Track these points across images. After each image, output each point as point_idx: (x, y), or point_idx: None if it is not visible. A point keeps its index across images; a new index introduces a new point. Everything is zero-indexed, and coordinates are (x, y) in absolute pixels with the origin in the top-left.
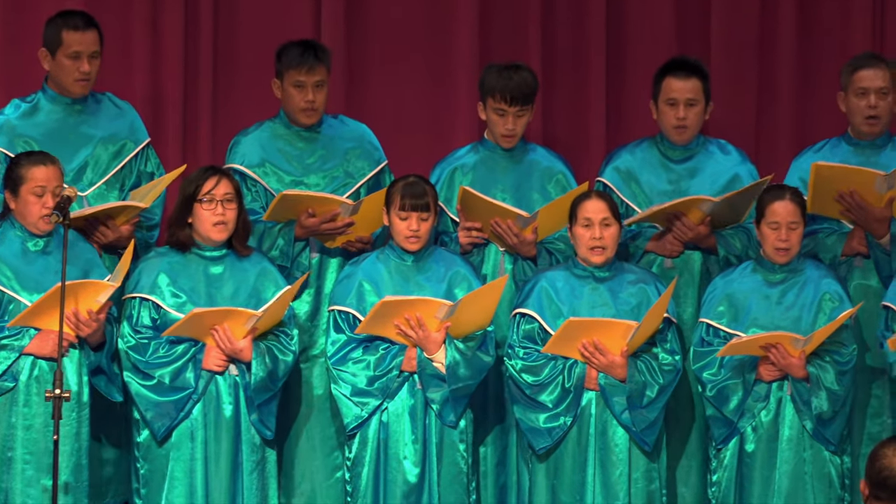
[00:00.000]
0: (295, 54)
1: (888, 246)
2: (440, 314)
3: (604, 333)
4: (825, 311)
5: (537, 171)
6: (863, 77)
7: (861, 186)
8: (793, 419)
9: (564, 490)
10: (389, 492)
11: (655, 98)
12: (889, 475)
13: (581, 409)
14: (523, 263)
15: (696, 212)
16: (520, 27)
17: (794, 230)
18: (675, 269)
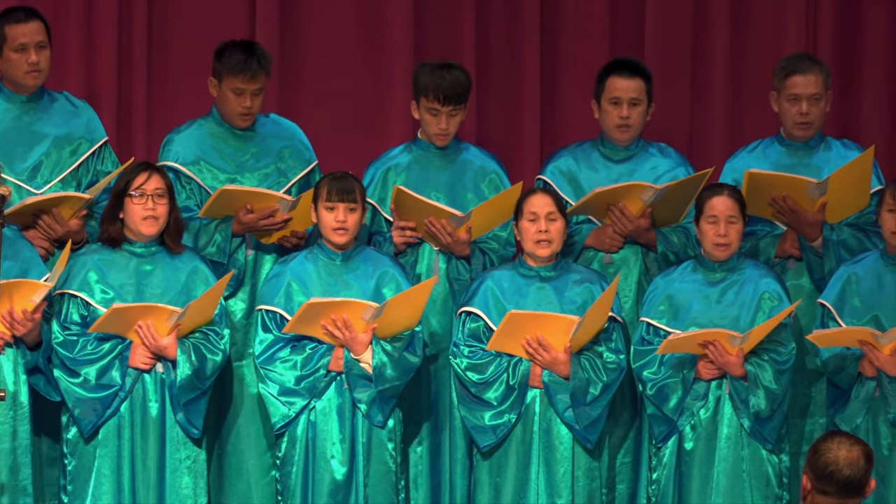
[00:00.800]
0: (237, 60)
1: (821, 249)
2: (366, 315)
3: (546, 328)
4: (764, 309)
5: (471, 171)
6: (796, 83)
7: (793, 192)
8: (731, 417)
9: (507, 488)
10: (317, 490)
11: (598, 97)
12: (835, 469)
13: (525, 407)
14: (457, 263)
15: (636, 202)
16: (454, 26)
17: (733, 224)
18: (613, 264)
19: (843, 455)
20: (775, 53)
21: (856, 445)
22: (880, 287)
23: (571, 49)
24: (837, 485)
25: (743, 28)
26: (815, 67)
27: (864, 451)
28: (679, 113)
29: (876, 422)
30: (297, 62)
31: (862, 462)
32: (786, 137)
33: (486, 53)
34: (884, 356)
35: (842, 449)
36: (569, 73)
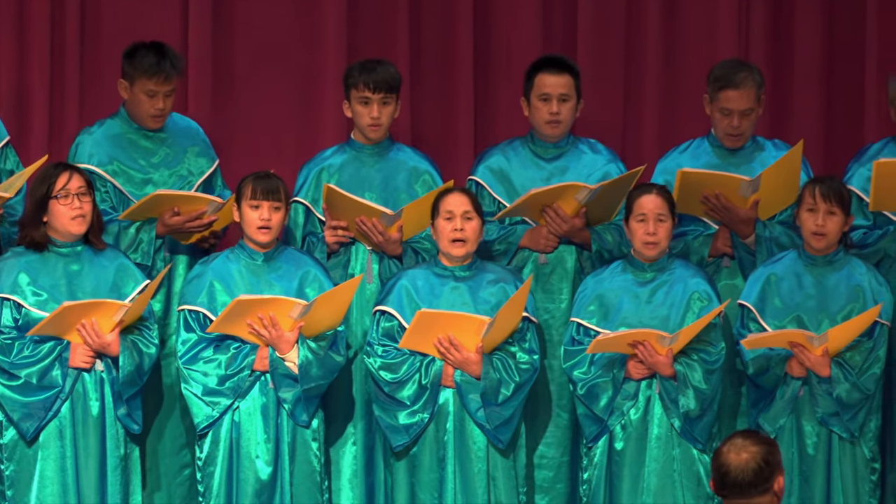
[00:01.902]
0: (149, 63)
1: (753, 246)
2: (294, 313)
3: (458, 327)
4: (694, 309)
5: (404, 171)
6: (728, 98)
7: (726, 190)
8: (661, 417)
9: (423, 488)
10: (242, 491)
11: (527, 94)
12: (727, 471)
13: (439, 407)
14: (389, 262)
15: (571, 202)
16: (387, 27)
17: (662, 223)
18: (548, 264)
19: (732, 458)
20: (708, 52)
21: (749, 448)
22: (801, 287)
23: (504, 47)
24: (731, 487)
25: (676, 26)
26: (749, 80)
27: (759, 451)
28: (612, 110)
29: (800, 422)
30: (231, 63)
31: (752, 465)
32: (717, 138)
33: (419, 53)
34: (815, 357)
35: (731, 452)
36: (502, 71)
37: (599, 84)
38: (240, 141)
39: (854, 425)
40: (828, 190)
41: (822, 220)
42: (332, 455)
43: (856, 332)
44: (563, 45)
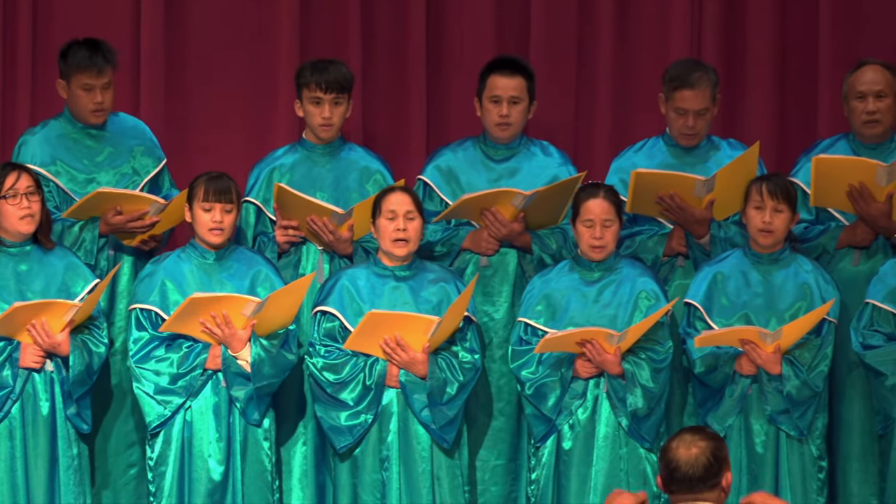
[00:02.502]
0: (82, 57)
1: (708, 246)
2: (247, 311)
3: (404, 328)
4: (641, 308)
5: (356, 171)
6: (683, 97)
7: (681, 190)
8: (609, 416)
9: (366, 489)
10: (194, 490)
11: (480, 95)
12: (674, 467)
13: (382, 408)
14: (340, 261)
15: (508, 207)
16: (339, 26)
17: (608, 227)
18: (490, 267)
19: (681, 453)
20: (661, 52)
21: (698, 443)
22: (748, 285)
23: (457, 46)
24: (680, 483)
25: (628, 25)
26: (704, 80)
27: (709, 447)
28: (564, 110)
29: (748, 421)
30: (183, 63)
31: (702, 459)
32: (672, 137)
33: (371, 52)
34: (766, 354)
35: (681, 447)
36: (454, 71)
37: (552, 84)
38: (192, 140)
39: (803, 423)
40: (774, 187)
41: (768, 217)
42: (283, 454)
43: (806, 329)
44: (516, 44)
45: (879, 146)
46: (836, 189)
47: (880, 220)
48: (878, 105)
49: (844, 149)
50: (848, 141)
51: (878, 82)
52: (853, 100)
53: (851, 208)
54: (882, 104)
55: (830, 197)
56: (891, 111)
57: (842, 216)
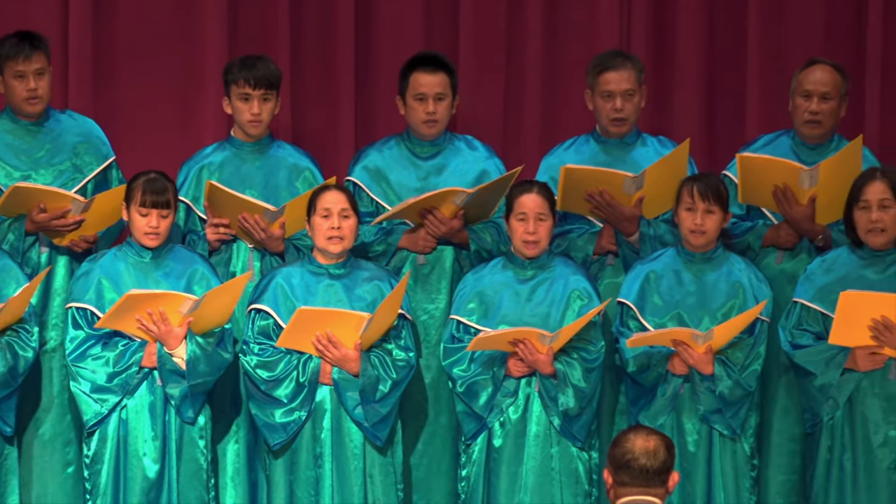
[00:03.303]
0: (10, 45)
1: (637, 244)
2: (183, 309)
3: (336, 325)
4: (574, 308)
5: (285, 168)
6: (609, 80)
7: (610, 187)
8: (540, 415)
9: (300, 486)
10: (129, 489)
11: (402, 93)
12: (631, 457)
13: (316, 405)
14: (271, 259)
15: (449, 205)
16: (268, 24)
17: (542, 222)
18: (427, 264)
19: (639, 444)
20: (591, 49)
21: (653, 435)
22: (680, 284)
23: (386, 44)
24: (635, 474)
25: (557, 23)
26: (628, 63)
27: (663, 442)
28: (494, 108)
29: (680, 420)
30: (111, 61)
31: (661, 452)
32: (601, 134)
33: (300, 49)
34: (698, 355)
35: (639, 438)
36: (383, 68)
37: (481, 81)
38: (120, 139)
39: (736, 422)
40: (705, 188)
41: (700, 218)
42: (217, 452)
43: (738, 329)
44: (445, 42)
45: (819, 146)
46: (762, 188)
47: (803, 222)
48: (822, 107)
49: (785, 146)
50: (789, 138)
51: (825, 83)
52: (799, 97)
53: (776, 207)
54: (826, 106)
55: (757, 195)
56: (833, 114)
57: (771, 214)
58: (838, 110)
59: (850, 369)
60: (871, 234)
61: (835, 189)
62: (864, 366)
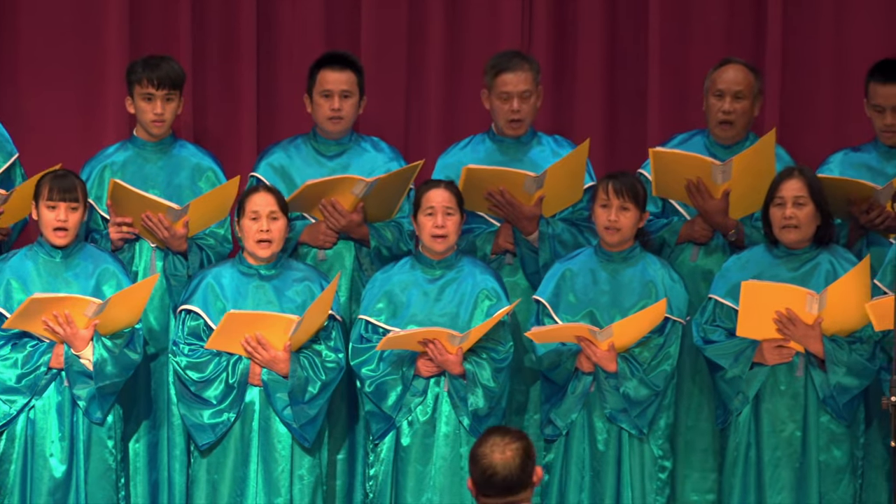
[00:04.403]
0: None
1: (536, 243)
2: (88, 311)
3: (265, 327)
4: (482, 307)
5: (187, 168)
6: (505, 81)
7: (510, 186)
8: (449, 415)
9: (225, 486)
10: (36, 489)
11: (310, 91)
12: (493, 472)
13: (245, 406)
14: (174, 258)
15: (349, 197)
16: (170, 23)
17: (450, 217)
18: (327, 260)
19: (497, 458)
20: (492, 50)
21: (510, 445)
22: (595, 283)
23: (287, 43)
24: (497, 488)
25: (459, 24)
26: (525, 64)
27: (521, 448)
28: (396, 108)
29: (591, 418)
30: (12, 61)
31: (518, 461)
32: (497, 133)
33: (202, 48)
34: (601, 352)
35: (496, 452)
36: (285, 67)
37: (383, 81)
38: (22, 139)
39: (642, 422)
40: (620, 185)
41: (614, 215)
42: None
43: (642, 328)
44: (347, 41)
45: (734, 146)
46: (676, 182)
47: (717, 216)
48: (735, 106)
49: (699, 145)
50: (704, 137)
51: (738, 83)
52: (712, 97)
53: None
54: (739, 105)
55: (671, 189)
56: (746, 114)
57: (685, 210)
58: (751, 109)
59: (760, 363)
60: (785, 230)
61: (748, 183)
62: (772, 359)
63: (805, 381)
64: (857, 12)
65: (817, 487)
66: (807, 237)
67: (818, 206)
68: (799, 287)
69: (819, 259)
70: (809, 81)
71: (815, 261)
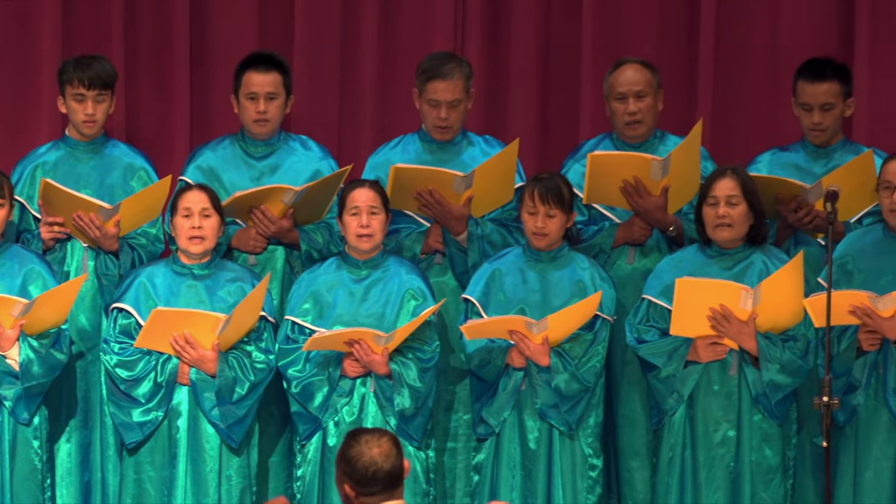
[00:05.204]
0: None
1: (465, 243)
2: (14, 311)
3: (193, 325)
4: (408, 307)
5: (120, 168)
6: (436, 89)
7: (439, 186)
8: (376, 415)
9: (154, 485)
10: None
11: (236, 92)
12: (377, 467)
13: (173, 405)
14: (105, 258)
15: (279, 205)
16: (103, 23)
17: (375, 216)
18: (258, 265)
19: (377, 453)
20: (425, 50)
21: (383, 438)
22: (524, 282)
23: (221, 43)
24: (383, 482)
25: (393, 22)
26: (456, 72)
27: (392, 440)
28: (329, 107)
29: (522, 416)
30: None
31: (395, 451)
32: (428, 133)
33: (135, 48)
34: (535, 345)
35: (373, 448)
36: (218, 67)
37: (316, 80)
38: None
39: (572, 418)
40: (545, 191)
41: (541, 221)
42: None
43: (574, 322)
44: (280, 40)
45: (643, 144)
46: (611, 185)
47: (656, 212)
48: (639, 105)
49: (608, 149)
50: (612, 140)
51: (637, 82)
52: (614, 101)
53: (625, 204)
54: (643, 104)
55: (604, 194)
56: (652, 110)
57: (612, 214)
58: (655, 105)
59: (693, 361)
60: (717, 229)
61: (682, 176)
62: (706, 356)
63: (739, 381)
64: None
65: (750, 487)
66: (740, 236)
67: (751, 205)
68: (733, 283)
69: (752, 258)
70: (741, 80)
71: (748, 260)
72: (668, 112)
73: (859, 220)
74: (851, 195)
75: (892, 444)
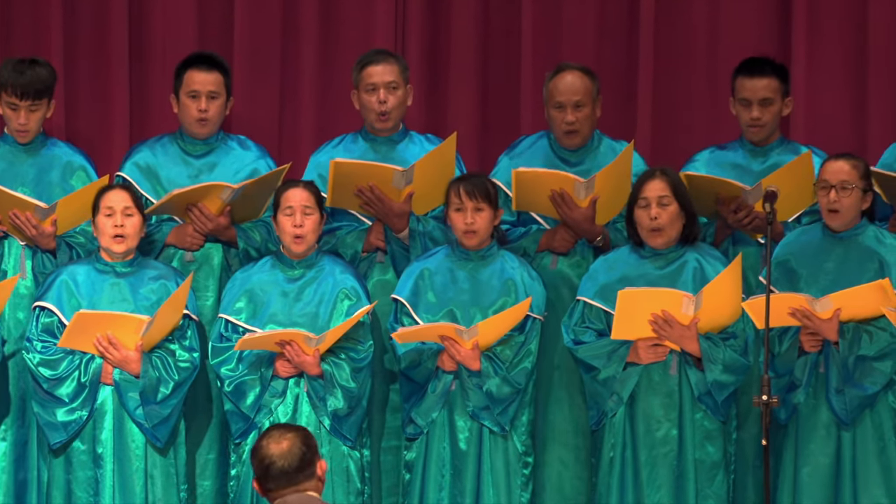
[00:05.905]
0: None
1: (407, 240)
2: None
3: (117, 327)
4: (342, 307)
5: (59, 166)
6: (372, 73)
7: (380, 182)
8: (310, 415)
9: (80, 486)
10: None
11: (177, 92)
12: (271, 462)
13: (98, 405)
14: (43, 256)
15: (216, 202)
16: (41, 23)
17: (309, 216)
18: (195, 262)
19: (274, 449)
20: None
21: (286, 435)
22: (454, 282)
23: (160, 42)
24: (279, 478)
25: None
26: (391, 59)
27: (298, 436)
28: (269, 107)
29: (452, 416)
30: None
31: (295, 450)
32: (369, 131)
33: (74, 46)
34: (465, 351)
35: (272, 444)
36: (157, 66)
37: (257, 79)
38: None
39: (505, 419)
40: (472, 188)
41: (470, 217)
42: None
43: (505, 327)
44: (220, 40)
45: (579, 150)
46: (539, 195)
47: (583, 223)
48: (577, 115)
49: (545, 148)
50: (549, 140)
51: (577, 91)
52: (552, 109)
53: (554, 213)
54: (580, 114)
55: (533, 203)
56: (589, 119)
57: (542, 219)
58: (593, 113)
59: (633, 363)
60: (652, 233)
61: (611, 190)
62: (647, 358)
63: (679, 380)
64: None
65: (694, 484)
66: (672, 238)
67: (682, 205)
68: (675, 290)
69: (686, 257)
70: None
71: (682, 259)
72: (608, 111)
73: (797, 220)
74: (790, 196)
75: (832, 442)
